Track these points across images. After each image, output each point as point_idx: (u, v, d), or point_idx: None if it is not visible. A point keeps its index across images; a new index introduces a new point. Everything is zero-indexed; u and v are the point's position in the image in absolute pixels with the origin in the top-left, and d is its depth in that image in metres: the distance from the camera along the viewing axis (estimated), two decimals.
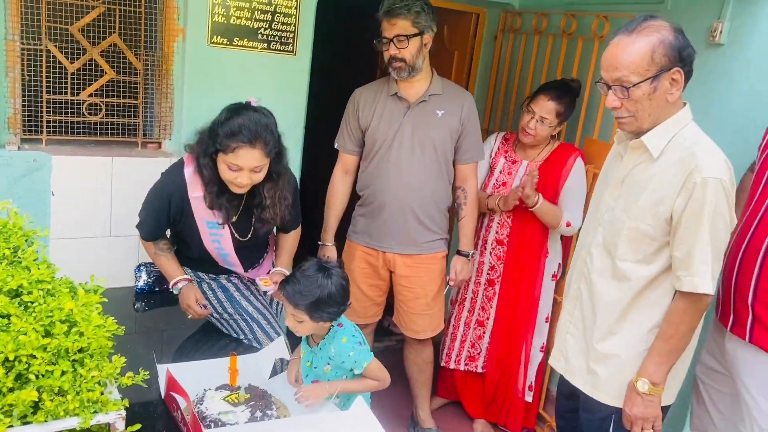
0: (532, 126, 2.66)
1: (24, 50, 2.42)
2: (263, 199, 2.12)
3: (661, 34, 1.59)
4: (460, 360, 3.02)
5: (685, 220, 1.61)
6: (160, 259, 2.26)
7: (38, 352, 1.20)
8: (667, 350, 1.68)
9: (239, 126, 1.94)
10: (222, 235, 2.18)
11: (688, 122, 1.69)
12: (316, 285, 1.82)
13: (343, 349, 1.94)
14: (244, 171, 1.98)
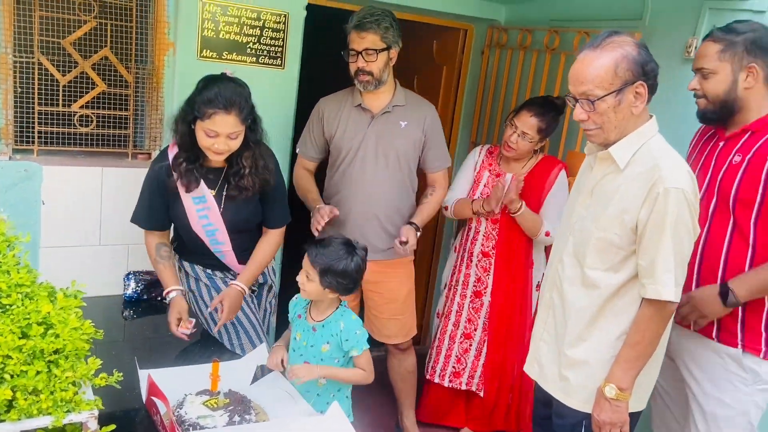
0: (514, 140, 2.72)
1: (16, 63, 2.48)
2: (241, 168, 2.19)
3: (624, 49, 1.65)
4: (445, 375, 3.02)
5: (649, 229, 1.66)
6: (158, 266, 2.30)
7: (14, 353, 1.24)
8: (633, 356, 1.72)
9: (215, 94, 2.05)
10: (209, 208, 2.24)
11: (654, 134, 1.75)
12: (337, 255, 2.00)
13: (353, 325, 2.07)
14: (221, 137, 2.07)
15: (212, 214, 2.25)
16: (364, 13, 2.54)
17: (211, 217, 2.25)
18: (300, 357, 2.14)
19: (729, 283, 1.92)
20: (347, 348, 2.09)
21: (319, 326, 2.12)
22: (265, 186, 2.26)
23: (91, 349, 1.38)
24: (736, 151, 1.96)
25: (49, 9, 2.50)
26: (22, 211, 2.50)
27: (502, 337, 2.90)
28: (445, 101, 3.74)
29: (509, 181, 2.75)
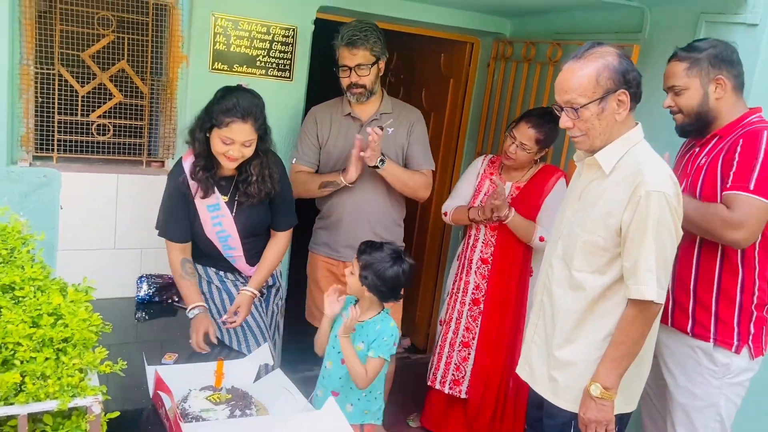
0: (513, 151, 2.77)
1: (37, 74, 2.61)
2: (249, 175, 2.29)
3: (605, 59, 1.73)
4: (445, 382, 3.06)
5: (632, 231, 1.72)
6: (183, 282, 2.35)
7: (24, 341, 1.33)
8: (618, 356, 1.77)
9: (233, 104, 2.15)
10: (223, 215, 2.34)
11: (639, 141, 1.81)
12: (381, 258, 2.14)
13: (387, 331, 2.17)
14: (236, 144, 2.17)
15: (226, 221, 2.35)
16: (351, 29, 2.63)
17: (225, 224, 2.35)
18: (338, 354, 2.24)
19: None
20: (373, 346, 2.18)
21: (358, 327, 2.22)
22: (270, 193, 2.35)
23: (106, 347, 1.46)
24: (704, 155, 2.05)
25: (70, 23, 2.63)
26: (42, 215, 2.62)
27: (492, 343, 2.93)
28: (452, 113, 3.82)
29: (509, 189, 2.82)
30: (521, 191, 2.84)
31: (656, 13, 2.70)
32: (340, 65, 2.67)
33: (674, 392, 2.14)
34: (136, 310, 2.75)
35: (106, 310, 1.98)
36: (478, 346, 2.97)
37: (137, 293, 2.80)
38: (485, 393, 2.98)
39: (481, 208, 2.81)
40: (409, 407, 3.43)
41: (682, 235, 1.80)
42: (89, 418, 1.34)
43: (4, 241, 1.58)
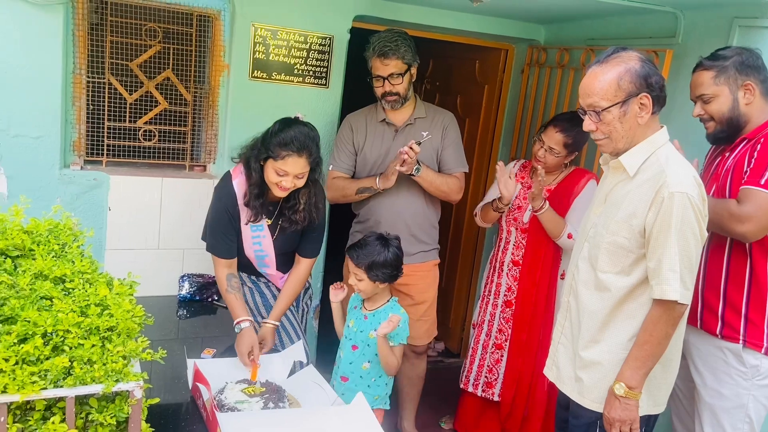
0: (541, 155, 2.79)
1: (89, 83, 2.77)
2: (297, 203, 2.37)
3: (628, 64, 1.76)
4: (478, 385, 3.08)
5: (656, 232, 1.74)
6: (229, 297, 2.39)
7: (73, 328, 1.43)
8: (642, 356, 1.78)
9: (291, 137, 2.22)
10: (264, 237, 2.42)
11: (663, 143, 1.83)
12: (375, 250, 2.31)
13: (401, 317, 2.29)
14: (289, 176, 2.24)
15: (265, 242, 2.44)
16: (382, 40, 2.69)
17: (264, 244, 2.45)
18: (349, 341, 2.41)
19: None
20: (391, 336, 2.32)
21: (370, 315, 2.39)
22: (313, 222, 2.43)
23: (150, 342, 1.56)
24: (731, 158, 2.05)
25: (119, 34, 2.78)
26: (91, 216, 2.77)
27: (523, 344, 2.95)
28: (486, 118, 3.85)
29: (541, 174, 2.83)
30: (551, 193, 2.85)
31: (690, 18, 2.69)
32: (373, 75, 2.75)
33: (703, 393, 2.14)
34: (178, 308, 2.88)
35: (150, 307, 2.09)
36: (510, 348, 2.99)
37: (179, 292, 2.92)
38: (517, 394, 3.00)
39: (500, 198, 2.79)
40: (442, 410, 3.47)
41: (712, 236, 1.81)
42: (131, 401, 1.44)
43: (56, 237, 1.69)
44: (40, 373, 1.36)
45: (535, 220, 2.83)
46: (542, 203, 2.73)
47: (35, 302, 1.47)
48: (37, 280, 1.54)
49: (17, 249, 1.62)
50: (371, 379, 2.38)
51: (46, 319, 1.41)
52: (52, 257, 1.62)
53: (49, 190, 2.68)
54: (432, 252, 2.92)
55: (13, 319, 1.42)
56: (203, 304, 2.92)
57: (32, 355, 1.36)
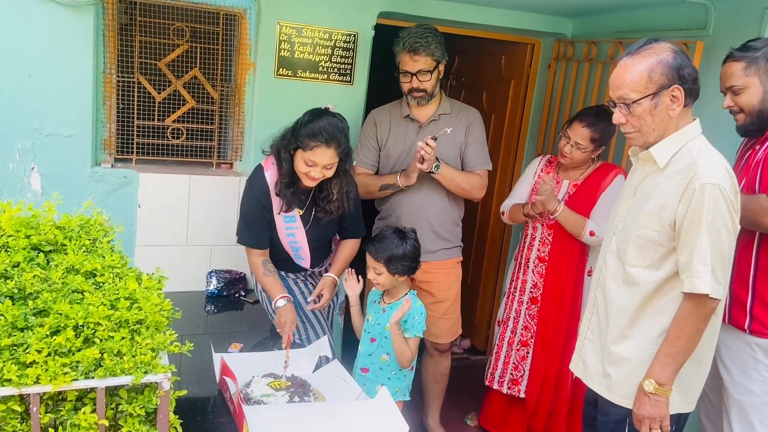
0: (568, 150, 2.76)
1: (119, 82, 2.82)
2: (330, 193, 2.40)
3: (659, 55, 1.72)
4: (503, 382, 3.07)
5: (686, 224, 1.70)
6: (267, 278, 2.42)
7: (104, 321, 1.46)
8: (673, 351, 1.75)
9: (319, 128, 2.24)
10: (298, 227, 2.45)
11: (695, 136, 1.79)
12: (393, 244, 2.35)
13: (415, 311, 2.36)
14: (318, 167, 2.27)
15: (298, 233, 2.47)
16: (412, 36, 2.67)
17: (297, 236, 2.47)
18: (367, 334, 2.45)
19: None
20: (405, 327, 2.36)
21: (388, 308, 2.42)
22: (346, 211, 2.47)
23: (178, 337, 1.59)
24: (762, 151, 2.00)
25: (148, 34, 2.83)
26: (122, 213, 2.82)
27: (548, 341, 2.93)
28: (513, 114, 3.82)
29: (566, 187, 2.81)
30: (578, 188, 2.83)
31: (721, 9, 2.63)
32: (401, 71, 2.72)
33: (731, 389, 2.10)
34: (206, 303, 2.92)
35: (179, 303, 2.12)
36: (535, 345, 2.97)
37: (207, 287, 2.97)
38: (542, 392, 2.98)
39: (532, 204, 2.82)
40: (468, 406, 3.46)
41: (741, 230, 1.77)
42: (160, 393, 1.47)
43: (87, 232, 1.73)
44: (72, 364, 1.39)
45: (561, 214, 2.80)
46: (557, 205, 2.72)
47: (67, 296, 1.51)
48: (69, 274, 1.58)
49: (50, 244, 1.67)
50: (391, 371, 2.40)
51: (77, 312, 1.44)
52: (83, 252, 1.66)
53: (81, 187, 2.74)
54: (454, 250, 2.91)
55: (46, 312, 1.46)
56: (230, 299, 2.96)
57: (64, 346, 1.39)
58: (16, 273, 1.52)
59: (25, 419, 1.38)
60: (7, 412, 1.34)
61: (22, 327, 1.42)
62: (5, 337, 1.36)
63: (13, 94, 2.56)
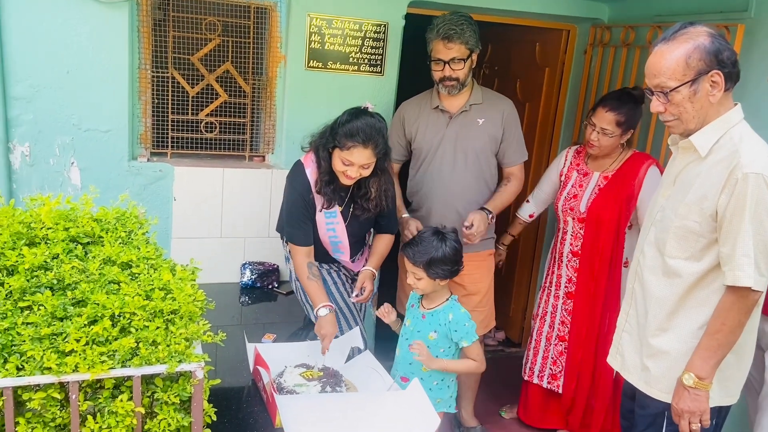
0: (595, 138, 2.69)
1: (153, 77, 2.86)
2: (368, 191, 2.41)
3: (696, 40, 1.66)
4: (543, 377, 3.03)
5: (729, 215, 1.65)
6: (310, 283, 2.39)
7: (139, 311, 1.49)
8: (714, 345, 1.70)
9: (357, 128, 2.24)
10: (338, 223, 2.46)
11: (737, 122, 1.73)
12: (432, 246, 2.21)
13: (462, 318, 2.26)
14: (355, 166, 2.27)
15: (339, 228, 2.48)
16: (447, 23, 2.62)
17: (338, 230, 2.48)
18: (406, 341, 2.35)
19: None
20: (456, 339, 2.27)
21: (428, 314, 2.32)
22: (383, 210, 2.48)
23: (213, 327, 1.61)
24: None
25: (181, 29, 2.87)
26: (158, 206, 2.87)
27: (583, 336, 2.87)
28: (547, 102, 3.76)
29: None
30: (609, 181, 2.75)
31: None
32: (433, 58, 2.68)
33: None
34: (240, 295, 2.96)
35: (214, 294, 2.15)
36: (570, 341, 2.93)
37: (241, 279, 3.00)
38: (578, 388, 2.94)
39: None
40: (503, 399, 3.43)
41: None
42: (193, 382, 1.49)
43: (123, 224, 1.77)
44: (109, 353, 1.43)
45: (593, 209, 2.74)
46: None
47: (104, 286, 1.55)
48: (106, 265, 1.62)
49: (87, 236, 1.71)
50: (433, 382, 2.31)
51: (113, 302, 1.47)
52: (119, 244, 1.69)
53: (118, 181, 2.79)
54: (486, 242, 2.86)
55: (84, 302, 1.49)
56: (264, 290, 2.99)
57: (101, 336, 1.43)
58: (55, 264, 1.56)
59: (64, 406, 1.42)
60: (48, 399, 1.38)
61: (62, 317, 1.45)
62: (45, 327, 1.40)
63: (53, 91, 2.63)
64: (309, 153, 2.43)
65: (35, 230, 1.65)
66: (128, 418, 1.42)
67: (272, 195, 3.03)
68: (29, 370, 1.36)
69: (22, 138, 2.63)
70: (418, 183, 2.84)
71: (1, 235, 1.57)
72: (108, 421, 1.42)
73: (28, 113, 2.62)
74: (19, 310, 1.45)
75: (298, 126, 2.99)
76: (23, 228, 1.63)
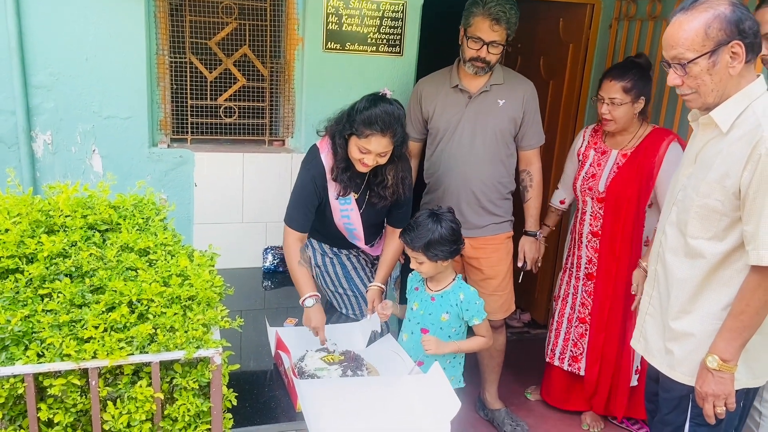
0: (606, 111, 2.64)
1: (171, 63, 2.86)
2: (385, 179, 2.36)
3: (716, 9, 1.59)
4: (564, 359, 3.01)
5: (752, 192, 1.58)
6: (299, 270, 2.36)
7: (156, 297, 1.50)
8: (738, 327, 1.64)
9: (375, 116, 2.19)
10: (352, 209, 2.43)
11: (760, 94, 1.65)
12: (427, 229, 2.18)
13: (472, 296, 2.26)
14: (371, 154, 2.23)
15: (353, 215, 2.45)
16: (498, 3, 2.51)
17: (352, 218, 2.45)
18: (417, 325, 2.32)
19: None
20: (468, 317, 2.26)
21: (437, 296, 2.29)
22: (400, 198, 2.42)
23: (235, 312, 1.60)
24: None
25: (197, 14, 2.85)
26: (179, 192, 2.89)
27: (605, 318, 2.83)
28: (572, 80, 3.66)
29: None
30: (628, 159, 2.69)
31: None
32: (472, 35, 2.56)
33: None
34: (262, 279, 2.97)
35: (237, 279, 2.15)
36: (591, 323, 2.88)
37: (263, 263, 3.01)
38: (602, 371, 2.90)
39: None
40: (528, 380, 3.40)
41: None
42: (212, 367, 1.49)
43: (141, 211, 1.77)
44: (127, 339, 1.44)
45: (612, 188, 2.69)
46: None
47: (121, 273, 1.56)
48: (123, 252, 1.63)
49: (105, 223, 1.71)
50: (446, 361, 2.29)
51: (131, 289, 1.48)
52: (136, 230, 1.70)
53: (139, 167, 2.81)
54: (504, 224, 2.81)
55: (102, 289, 1.50)
56: (286, 275, 2.98)
57: (119, 322, 1.44)
58: (73, 252, 1.57)
59: (84, 392, 1.43)
60: (68, 385, 1.39)
61: (80, 304, 1.47)
62: (64, 314, 1.42)
63: (73, 79, 2.64)
64: (324, 138, 2.39)
65: (54, 218, 1.66)
66: (148, 403, 1.43)
67: (292, 179, 3.01)
68: (49, 356, 1.37)
69: (44, 126, 2.66)
70: (434, 164, 2.79)
71: (21, 224, 1.59)
72: (128, 406, 1.43)
73: (49, 101, 2.64)
74: (39, 297, 1.47)
75: (317, 109, 2.96)
76: (42, 216, 1.64)
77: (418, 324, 2.31)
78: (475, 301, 2.25)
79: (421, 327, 2.29)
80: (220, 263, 1.81)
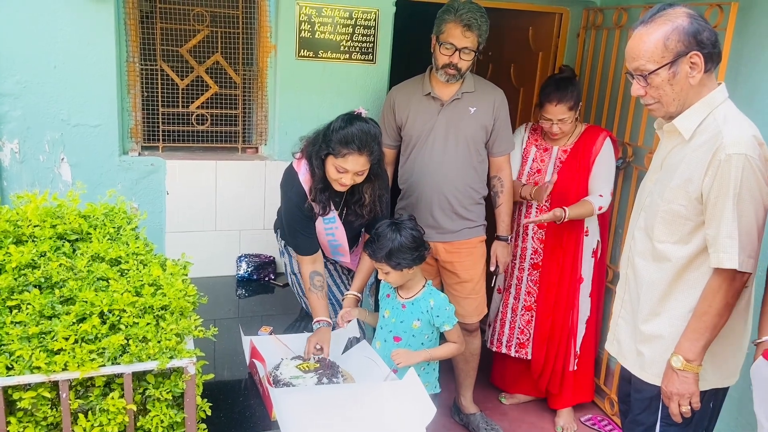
0: (557, 129, 2.89)
1: (142, 70, 2.83)
2: (362, 197, 2.37)
3: (674, 22, 1.65)
4: (511, 346, 3.18)
5: (713, 197, 1.64)
6: (312, 295, 2.38)
7: (128, 308, 1.48)
8: (701, 327, 1.69)
9: (352, 135, 2.19)
10: (337, 228, 2.44)
11: (721, 102, 1.71)
12: (388, 239, 2.19)
13: (442, 302, 2.27)
14: (349, 173, 2.23)
15: (338, 232, 2.45)
16: (470, 11, 2.55)
17: (337, 235, 2.46)
18: (389, 333, 2.32)
19: None
20: (438, 324, 2.27)
21: (408, 303, 2.29)
22: (377, 215, 2.43)
23: (209, 321, 1.59)
24: None
25: (168, 21, 2.83)
26: (150, 200, 2.85)
27: (550, 305, 3.03)
28: None
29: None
30: (569, 154, 2.94)
31: None
32: (445, 41, 2.58)
33: None
34: (236, 287, 2.95)
35: (210, 287, 2.12)
36: (538, 309, 3.07)
37: (237, 271, 2.99)
38: (548, 353, 3.09)
39: (536, 191, 2.87)
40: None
41: None
42: (185, 377, 1.48)
43: (111, 220, 1.75)
44: (98, 350, 1.41)
45: (558, 181, 2.88)
46: (562, 213, 2.75)
47: (92, 283, 1.53)
48: (94, 262, 1.60)
49: (75, 233, 1.69)
50: (421, 368, 2.30)
51: (102, 300, 1.46)
52: (107, 240, 1.67)
53: (109, 176, 2.77)
54: (477, 228, 2.85)
55: (72, 300, 1.48)
56: (260, 283, 2.98)
57: (90, 333, 1.41)
58: (42, 262, 1.55)
59: (55, 405, 1.41)
60: (38, 398, 1.37)
61: (50, 315, 1.44)
62: (33, 326, 1.39)
63: (40, 87, 2.60)
64: (301, 159, 2.37)
65: (22, 228, 1.63)
66: (120, 415, 1.41)
67: (266, 186, 3.01)
68: (19, 369, 1.34)
69: (11, 135, 2.61)
70: (408, 170, 2.81)
71: None
72: (100, 419, 1.41)
73: (17, 109, 2.59)
74: (7, 309, 1.44)
75: (291, 116, 2.96)
76: (10, 226, 1.61)
77: (390, 332, 2.31)
78: (445, 307, 2.26)
79: (394, 335, 2.30)
80: (194, 272, 1.79)
